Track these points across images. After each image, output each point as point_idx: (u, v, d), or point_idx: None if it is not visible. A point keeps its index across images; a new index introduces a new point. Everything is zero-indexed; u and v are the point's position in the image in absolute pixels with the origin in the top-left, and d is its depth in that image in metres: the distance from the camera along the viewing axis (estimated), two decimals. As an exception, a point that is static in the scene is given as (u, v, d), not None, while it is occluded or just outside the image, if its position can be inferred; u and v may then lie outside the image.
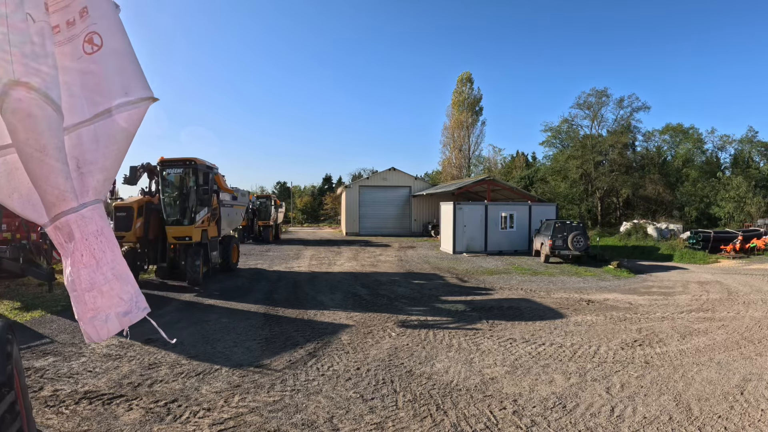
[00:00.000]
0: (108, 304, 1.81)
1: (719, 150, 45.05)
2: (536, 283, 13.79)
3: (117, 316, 1.84)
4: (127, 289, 1.88)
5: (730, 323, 8.76)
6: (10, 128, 1.51)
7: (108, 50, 1.90)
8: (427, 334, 7.75)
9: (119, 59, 1.93)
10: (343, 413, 4.71)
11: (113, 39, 1.92)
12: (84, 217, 1.69)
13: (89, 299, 1.77)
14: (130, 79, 1.93)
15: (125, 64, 1.94)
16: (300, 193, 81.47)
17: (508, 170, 60.36)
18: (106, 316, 1.81)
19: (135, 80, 1.95)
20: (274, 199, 33.89)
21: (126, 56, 1.96)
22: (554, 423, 4.55)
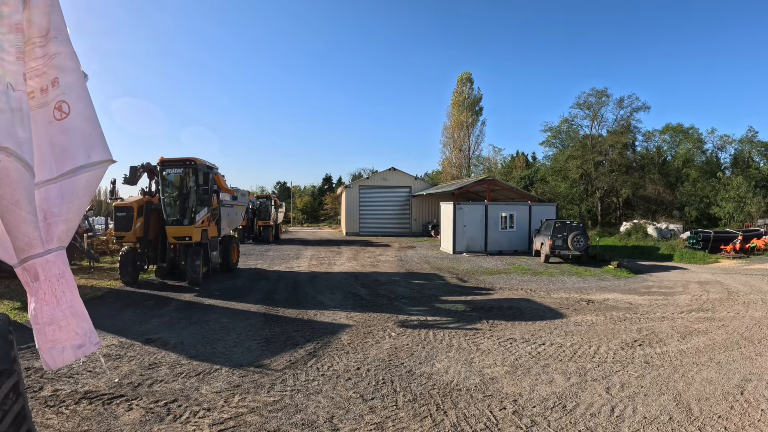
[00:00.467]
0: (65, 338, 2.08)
1: (719, 150, 45.11)
2: (536, 283, 13.79)
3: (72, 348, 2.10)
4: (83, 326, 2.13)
5: (730, 323, 8.76)
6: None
7: (75, 117, 2.17)
8: (427, 334, 7.75)
9: (84, 126, 2.21)
10: (343, 413, 4.71)
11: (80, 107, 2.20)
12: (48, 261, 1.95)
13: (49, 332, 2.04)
14: (93, 143, 2.21)
15: (89, 130, 2.22)
16: (300, 193, 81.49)
17: (508, 170, 60.39)
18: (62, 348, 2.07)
19: (97, 145, 2.23)
20: (274, 199, 33.88)
21: (90, 123, 2.24)
22: (554, 423, 4.55)
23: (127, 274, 12.32)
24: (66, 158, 2.12)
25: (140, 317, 8.91)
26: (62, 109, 2.17)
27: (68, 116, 2.17)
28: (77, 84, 2.22)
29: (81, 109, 2.20)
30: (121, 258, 12.38)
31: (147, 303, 10.24)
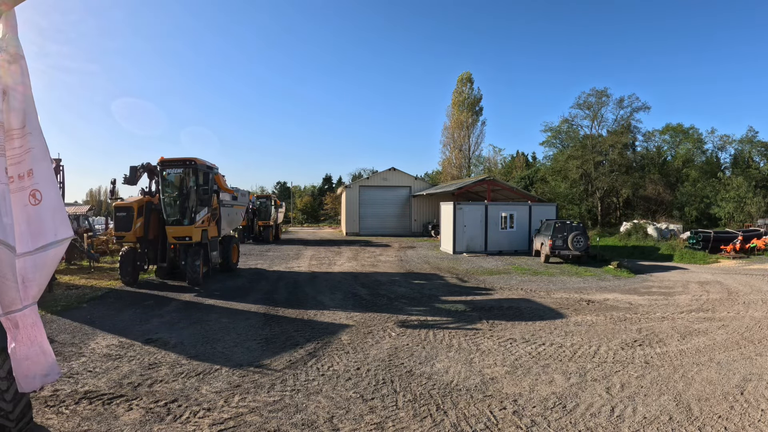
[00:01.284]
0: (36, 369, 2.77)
1: (719, 150, 45.05)
2: (536, 283, 13.78)
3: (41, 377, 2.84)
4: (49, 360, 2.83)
5: (730, 323, 8.76)
6: None
7: (46, 203, 2.73)
8: (427, 334, 7.75)
9: (53, 210, 2.77)
10: (343, 413, 4.71)
11: (50, 194, 2.76)
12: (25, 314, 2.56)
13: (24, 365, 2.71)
14: (59, 224, 2.81)
15: (57, 213, 2.79)
16: (300, 193, 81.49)
17: (508, 170, 60.36)
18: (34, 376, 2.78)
19: (63, 224, 2.85)
20: (274, 199, 33.88)
21: (57, 206, 2.85)
22: (554, 423, 4.55)
23: (127, 274, 12.32)
24: (39, 236, 2.66)
25: (140, 317, 8.91)
26: (36, 196, 2.70)
27: (41, 203, 2.71)
28: (48, 174, 2.74)
29: (51, 196, 2.74)
30: (121, 258, 12.38)
31: (147, 303, 10.24)
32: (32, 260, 2.58)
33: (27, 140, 2.66)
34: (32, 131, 2.66)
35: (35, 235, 2.65)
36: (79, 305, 9.92)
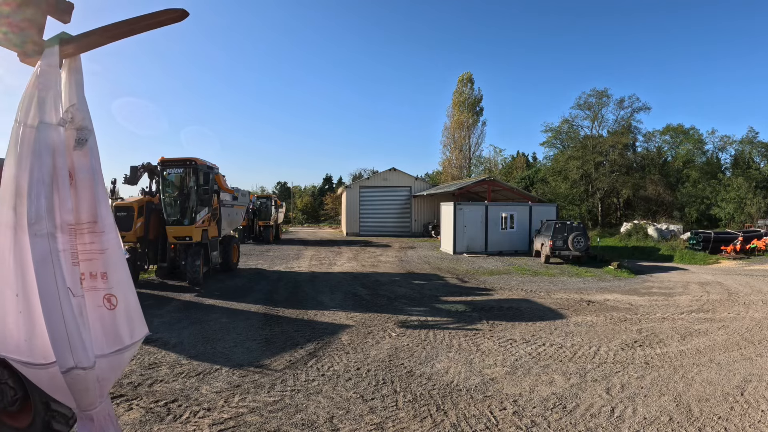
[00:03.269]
0: None
1: (720, 151, 45.00)
2: (536, 283, 13.78)
3: None
4: None
5: (730, 324, 8.76)
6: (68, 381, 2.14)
7: (121, 308, 2.47)
8: (427, 335, 7.75)
9: (128, 312, 2.50)
10: (343, 413, 4.71)
11: (126, 297, 2.47)
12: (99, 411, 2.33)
13: None
14: (135, 325, 2.54)
15: (133, 315, 2.53)
16: (300, 193, 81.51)
17: (508, 171, 60.36)
18: None
19: (138, 324, 2.57)
20: (275, 199, 33.88)
21: (133, 308, 2.54)
22: (554, 423, 4.55)
23: (127, 274, 12.30)
24: (115, 340, 2.45)
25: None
26: (111, 301, 2.45)
27: (116, 308, 2.46)
28: (125, 278, 2.48)
29: (126, 298, 2.49)
30: (122, 258, 12.37)
31: (147, 303, 10.24)
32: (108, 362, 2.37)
33: (99, 239, 2.35)
34: (105, 229, 2.35)
35: (110, 338, 2.44)
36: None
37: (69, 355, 2.07)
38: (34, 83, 2.08)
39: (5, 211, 2.10)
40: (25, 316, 2.14)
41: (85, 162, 2.27)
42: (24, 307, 2.13)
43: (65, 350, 2.07)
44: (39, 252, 2.03)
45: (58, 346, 2.07)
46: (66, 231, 2.19)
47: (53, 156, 2.08)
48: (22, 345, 2.18)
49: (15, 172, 2.08)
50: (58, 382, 2.17)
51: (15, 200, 2.08)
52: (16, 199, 2.08)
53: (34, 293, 2.10)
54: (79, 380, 2.15)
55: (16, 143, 2.08)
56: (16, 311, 2.15)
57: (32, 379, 2.28)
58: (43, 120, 2.05)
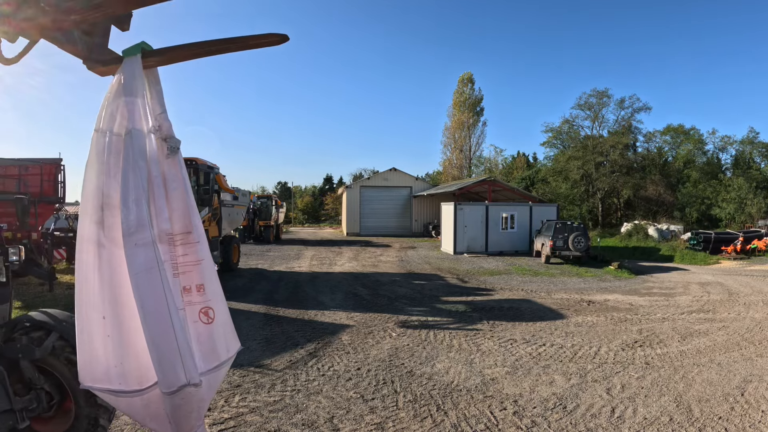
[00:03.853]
0: None
1: (720, 151, 44.98)
2: (537, 283, 13.78)
3: None
4: None
5: (730, 324, 8.76)
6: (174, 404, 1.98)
7: (218, 321, 2.33)
8: (427, 335, 7.75)
9: (224, 327, 2.37)
10: (344, 413, 4.72)
11: (221, 311, 2.35)
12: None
13: None
14: (229, 339, 2.40)
15: (227, 329, 2.40)
16: (301, 193, 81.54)
17: (509, 171, 60.36)
18: None
19: (232, 339, 2.44)
20: (275, 199, 33.89)
21: (228, 322, 2.40)
22: (555, 424, 4.55)
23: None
24: (212, 356, 2.28)
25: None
26: (208, 314, 2.30)
27: (213, 321, 2.31)
28: (218, 289, 2.34)
29: (222, 312, 2.36)
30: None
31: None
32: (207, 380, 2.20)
33: (194, 249, 2.23)
34: (199, 239, 2.24)
35: (207, 354, 2.28)
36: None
37: (181, 371, 1.92)
38: (119, 90, 2.01)
39: (87, 226, 1.99)
40: (114, 340, 1.99)
41: (176, 171, 2.20)
42: (113, 330, 1.98)
43: (177, 366, 1.92)
44: (142, 262, 1.89)
45: (167, 362, 1.92)
46: (165, 241, 2.08)
47: (147, 163, 2.00)
48: (111, 372, 2.01)
49: (99, 182, 1.98)
50: (153, 409, 2.03)
51: (99, 213, 1.98)
52: (101, 211, 1.98)
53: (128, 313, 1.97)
54: (188, 400, 1.99)
55: (102, 152, 1.99)
56: (103, 335, 1.99)
57: (123, 408, 2.10)
58: (135, 127, 1.98)
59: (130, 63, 2.02)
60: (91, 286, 2.00)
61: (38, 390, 3.26)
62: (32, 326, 3.46)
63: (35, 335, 3.39)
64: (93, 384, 2.05)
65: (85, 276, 2.00)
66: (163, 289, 1.91)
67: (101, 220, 1.97)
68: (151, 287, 1.90)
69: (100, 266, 1.99)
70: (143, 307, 1.89)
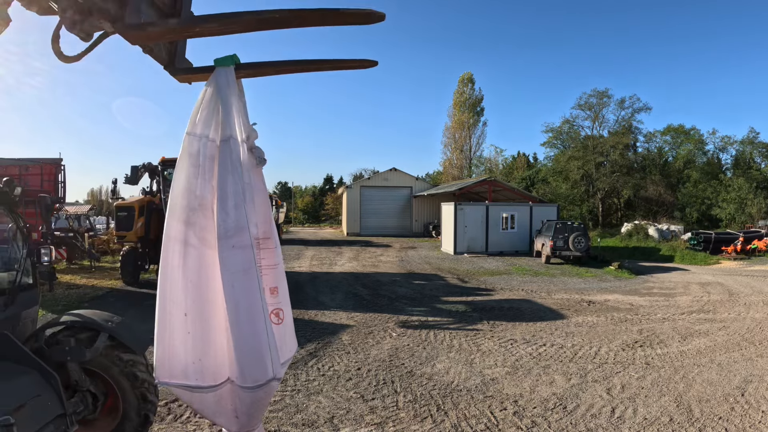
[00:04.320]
0: None
1: (720, 151, 44.93)
2: (537, 283, 13.78)
3: None
4: None
5: (731, 324, 8.75)
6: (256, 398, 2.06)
7: (286, 324, 2.40)
8: (427, 335, 7.75)
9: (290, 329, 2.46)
10: (344, 413, 4.72)
11: (288, 315, 2.42)
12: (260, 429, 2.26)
13: None
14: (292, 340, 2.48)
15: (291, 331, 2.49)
16: (301, 193, 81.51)
17: (509, 171, 60.32)
18: None
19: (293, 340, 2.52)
20: (275, 199, 33.83)
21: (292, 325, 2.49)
22: (555, 424, 4.55)
23: (128, 274, 12.33)
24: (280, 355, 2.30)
25: (141, 317, 8.91)
26: (279, 315, 2.36)
27: (282, 322, 2.36)
28: (287, 293, 2.41)
29: (288, 314, 2.42)
30: (123, 258, 12.40)
31: (148, 303, 10.22)
32: None
33: (272, 254, 2.31)
34: (276, 245, 2.33)
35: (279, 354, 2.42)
36: (80, 305, 9.92)
37: (269, 366, 2.00)
38: (214, 98, 2.04)
39: (174, 225, 2.02)
40: (195, 337, 2.02)
41: (260, 180, 2.25)
42: (194, 327, 2.01)
43: (266, 361, 1.99)
44: (240, 263, 1.94)
45: (257, 357, 1.98)
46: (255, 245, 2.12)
47: (242, 171, 2.03)
48: (189, 368, 2.04)
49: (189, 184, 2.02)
50: (223, 405, 2.09)
51: (188, 213, 2.01)
52: (191, 212, 2.01)
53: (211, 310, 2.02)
54: (269, 393, 2.08)
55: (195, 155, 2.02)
56: (184, 332, 2.02)
57: (195, 404, 2.12)
58: (232, 136, 2.01)
59: (224, 73, 2.05)
60: (175, 284, 2.03)
61: (83, 392, 3.22)
62: (78, 328, 3.40)
63: (82, 336, 3.34)
64: (170, 380, 2.07)
65: (169, 274, 2.03)
66: (258, 288, 1.98)
67: (190, 220, 2.01)
68: (248, 287, 1.95)
69: (186, 265, 2.02)
70: (238, 305, 1.94)
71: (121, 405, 3.42)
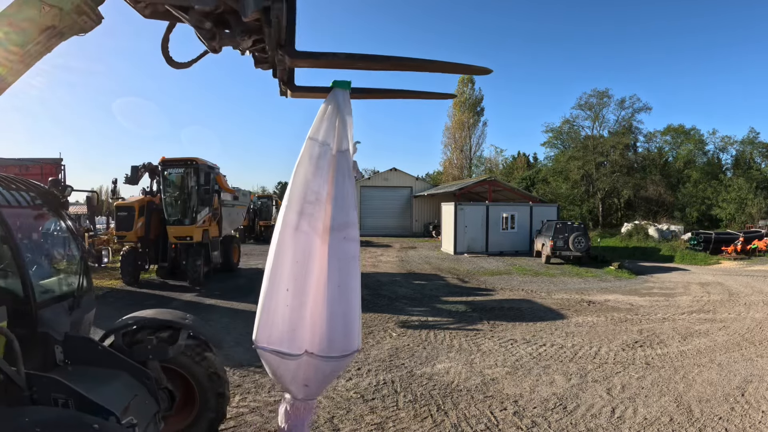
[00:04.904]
0: None
1: (720, 151, 44.85)
2: (537, 283, 13.78)
3: None
4: None
5: (731, 324, 8.75)
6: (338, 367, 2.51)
7: None
8: (427, 335, 7.75)
9: None
10: (344, 413, 4.72)
11: None
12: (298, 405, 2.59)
13: None
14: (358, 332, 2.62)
15: None
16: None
17: (509, 171, 60.28)
18: None
19: None
20: (276, 199, 33.87)
21: None
22: (555, 424, 4.55)
23: (128, 274, 12.33)
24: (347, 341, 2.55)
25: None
26: None
27: None
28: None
29: None
30: (123, 258, 12.40)
31: (148, 303, 10.24)
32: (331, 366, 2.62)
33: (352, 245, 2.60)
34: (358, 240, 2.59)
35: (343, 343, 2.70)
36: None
37: (357, 338, 2.40)
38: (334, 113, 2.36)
39: (290, 215, 2.31)
40: (292, 309, 2.31)
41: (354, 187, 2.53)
42: (292, 302, 2.30)
43: (356, 334, 2.40)
44: (350, 252, 2.35)
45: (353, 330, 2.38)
46: None
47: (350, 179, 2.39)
48: (284, 336, 2.33)
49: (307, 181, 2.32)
50: (299, 373, 2.41)
51: (303, 205, 2.31)
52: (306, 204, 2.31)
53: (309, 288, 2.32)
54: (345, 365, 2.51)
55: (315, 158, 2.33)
56: (284, 304, 2.32)
57: (279, 369, 2.41)
58: (347, 148, 2.37)
59: (342, 94, 2.39)
60: (284, 262, 2.32)
61: (161, 390, 3.24)
62: (157, 326, 3.43)
63: (162, 335, 3.38)
64: (266, 345, 2.38)
65: (280, 253, 2.32)
66: (358, 274, 2.39)
67: (305, 211, 2.32)
68: (353, 271, 2.36)
69: (295, 248, 2.31)
70: (344, 285, 2.33)
71: (198, 400, 3.49)
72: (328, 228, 2.32)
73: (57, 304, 3.11)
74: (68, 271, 3.59)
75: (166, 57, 2.31)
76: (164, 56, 2.31)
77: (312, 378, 2.42)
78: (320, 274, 2.32)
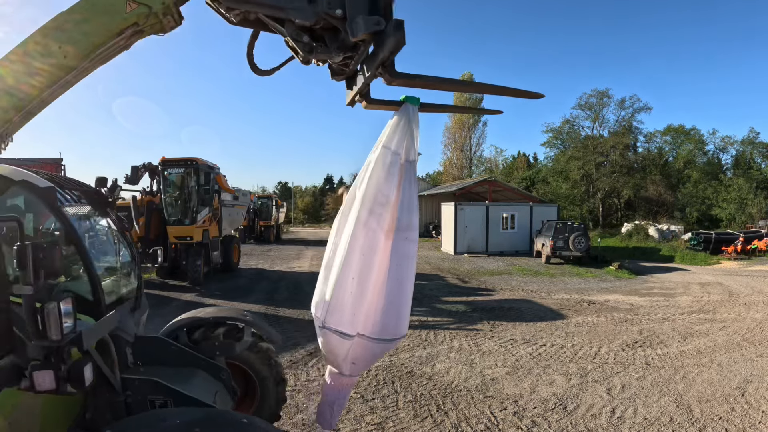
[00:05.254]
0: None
1: (721, 151, 44.87)
2: (537, 284, 13.78)
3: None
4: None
5: (731, 325, 8.75)
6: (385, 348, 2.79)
7: None
8: (428, 335, 7.75)
9: None
10: (344, 413, 4.71)
11: None
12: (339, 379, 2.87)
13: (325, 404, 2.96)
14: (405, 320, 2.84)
15: None
16: (301, 193, 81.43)
17: (509, 171, 60.28)
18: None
19: None
20: (276, 199, 33.88)
21: None
22: (555, 424, 4.55)
23: (128, 274, 12.33)
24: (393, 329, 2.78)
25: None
26: None
27: None
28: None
29: None
30: (123, 258, 12.39)
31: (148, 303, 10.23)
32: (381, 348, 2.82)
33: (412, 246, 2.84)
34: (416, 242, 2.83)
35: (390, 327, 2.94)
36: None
37: (405, 326, 2.67)
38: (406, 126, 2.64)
39: (363, 213, 2.55)
40: (354, 296, 2.56)
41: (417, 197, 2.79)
42: (356, 289, 2.55)
43: (406, 321, 2.67)
44: (409, 251, 2.61)
45: (404, 317, 2.65)
46: None
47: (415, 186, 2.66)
48: (346, 319, 2.59)
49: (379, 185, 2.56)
50: (351, 352, 2.66)
51: (375, 206, 2.55)
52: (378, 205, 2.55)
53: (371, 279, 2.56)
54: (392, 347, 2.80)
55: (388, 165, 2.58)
56: (349, 291, 2.57)
57: (336, 346, 2.64)
58: (415, 159, 2.64)
59: (412, 109, 2.67)
60: (354, 255, 2.56)
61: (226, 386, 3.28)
62: (219, 324, 3.53)
63: (227, 332, 3.47)
64: (332, 326, 2.62)
65: (352, 246, 2.56)
66: (414, 271, 2.67)
67: (375, 211, 2.55)
68: (410, 267, 2.63)
69: (363, 242, 2.55)
70: (402, 278, 2.58)
71: (259, 394, 3.60)
72: (393, 228, 2.57)
73: (121, 306, 3.12)
74: (125, 272, 3.61)
75: (251, 64, 2.54)
76: (249, 64, 2.53)
77: (360, 357, 2.68)
78: (381, 268, 2.56)
